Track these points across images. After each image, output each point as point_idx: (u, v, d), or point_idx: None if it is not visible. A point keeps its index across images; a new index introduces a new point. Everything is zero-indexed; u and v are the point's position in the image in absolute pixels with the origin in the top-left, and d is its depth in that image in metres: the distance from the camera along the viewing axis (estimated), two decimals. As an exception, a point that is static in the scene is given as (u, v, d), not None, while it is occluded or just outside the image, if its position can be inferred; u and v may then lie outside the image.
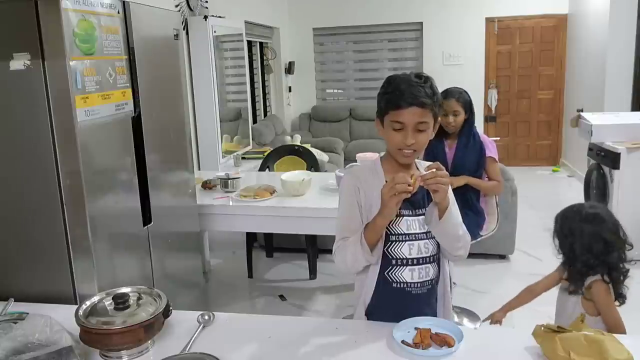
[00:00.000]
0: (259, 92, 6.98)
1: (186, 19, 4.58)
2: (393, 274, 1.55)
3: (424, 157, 1.62)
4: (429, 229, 1.54)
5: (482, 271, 3.86)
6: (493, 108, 7.40)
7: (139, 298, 1.49)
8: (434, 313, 1.60)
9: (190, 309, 1.67)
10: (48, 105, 1.81)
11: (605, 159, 4.06)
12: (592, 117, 4.25)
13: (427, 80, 1.49)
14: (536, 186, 6.23)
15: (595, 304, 1.84)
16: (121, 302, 1.44)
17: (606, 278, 1.84)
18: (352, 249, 1.50)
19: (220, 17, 4.97)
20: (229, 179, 3.28)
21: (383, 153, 1.67)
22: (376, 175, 1.57)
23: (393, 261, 1.54)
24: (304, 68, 7.79)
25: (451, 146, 2.89)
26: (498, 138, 7.27)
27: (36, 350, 1.31)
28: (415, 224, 1.54)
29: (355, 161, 3.51)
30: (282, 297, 3.66)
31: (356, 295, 1.64)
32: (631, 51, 5.49)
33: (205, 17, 4.64)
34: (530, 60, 7.27)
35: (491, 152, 2.89)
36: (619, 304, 1.86)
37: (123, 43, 2.11)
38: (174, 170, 2.61)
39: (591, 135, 4.11)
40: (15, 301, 1.70)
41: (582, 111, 5.33)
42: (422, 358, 1.36)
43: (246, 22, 5.83)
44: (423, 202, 1.55)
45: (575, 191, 5.49)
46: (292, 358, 1.40)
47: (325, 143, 6.57)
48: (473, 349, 1.38)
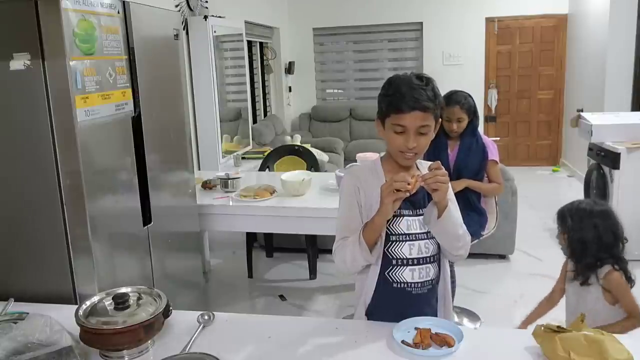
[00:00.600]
0: (259, 92, 6.98)
1: (186, 19, 4.58)
2: (393, 274, 1.54)
3: (425, 157, 1.61)
4: (429, 229, 1.54)
5: (482, 271, 3.86)
6: (493, 108, 7.40)
7: (139, 298, 1.49)
8: (435, 313, 1.60)
9: (190, 309, 1.67)
10: (48, 105, 1.81)
11: (605, 159, 4.06)
12: (592, 117, 4.25)
13: (429, 82, 1.47)
14: (536, 186, 6.24)
15: (613, 292, 1.95)
16: (121, 302, 1.44)
17: (616, 267, 1.96)
18: (351, 249, 1.50)
19: (220, 17, 4.97)
20: (229, 179, 3.28)
21: (383, 153, 1.67)
22: (376, 175, 1.57)
23: (393, 261, 1.54)
24: (304, 68, 7.79)
25: (453, 147, 2.89)
26: (498, 138, 7.27)
27: (36, 350, 1.30)
28: (415, 224, 1.54)
29: (355, 161, 3.51)
30: (282, 297, 3.66)
31: (356, 295, 1.64)
32: (631, 51, 5.49)
33: (205, 17, 4.64)
34: (530, 60, 7.27)
35: (493, 155, 2.90)
36: (631, 287, 1.99)
37: (123, 43, 2.11)
38: (174, 170, 2.61)
39: (591, 135, 4.11)
40: (15, 301, 1.70)
41: (582, 111, 5.33)
42: (422, 358, 1.36)
43: (246, 22, 5.83)
44: (423, 202, 1.55)
45: (575, 191, 5.48)
46: (292, 358, 1.40)
47: (325, 143, 6.57)
48: (473, 349, 1.38)
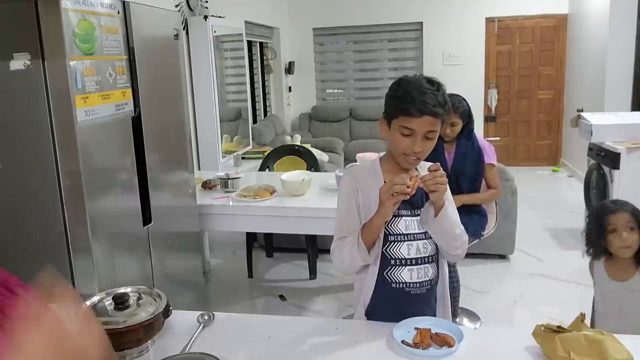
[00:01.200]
0: (259, 92, 6.97)
1: (186, 19, 4.58)
2: (392, 274, 1.54)
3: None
4: (425, 228, 1.54)
5: (482, 271, 3.86)
6: (493, 108, 7.40)
7: (139, 298, 1.49)
8: (434, 313, 1.60)
9: (190, 309, 1.67)
10: (48, 105, 1.81)
11: (605, 159, 4.06)
12: (592, 117, 4.25)
13: (440, 87, 1.46)
14: (536, 186, 6.23)
15: None
16: (121, 302, 1.44)
17: None
18: (349, 249, 1.50)
19: (220, 17, 4.97)
20: (229, 179, 3.28)
21: (382, 153, 1.66)
22: (375, 175, 1.57)
23: (392, 261, 1.54)
24: (304, 68, 7.79)
25: (449, 150, 2.89)
26: (498, 138, 7.31)
27: (36, 350, 1.30)
28: (414, 224, 1.54)
29: (355, 161, 3.51)
30: (282, 297, 3.66)
31: (356, 295, 1.64)
32: (631, 51, 5.49)
33: (205, 17, 4.64)
34: (530, 60, 7.27)
35: (490, 159, 2.90)
36: None
37: (123, 43, 2.11)
38: (174, 170, 2.61)
39: (591, 135, 4.10)
40: (15, 301, 1.70)
41: (582, 111, 5.33)
42: (422, 358, 1.36)
43: (246, 22, 5.83)
44: (422, 202, 1.55)
45: (575, 191, 5.48)
46: (292, 358, 1.40)
47: (325, 143, 6.57)
48: (473, 349, 1.38)
